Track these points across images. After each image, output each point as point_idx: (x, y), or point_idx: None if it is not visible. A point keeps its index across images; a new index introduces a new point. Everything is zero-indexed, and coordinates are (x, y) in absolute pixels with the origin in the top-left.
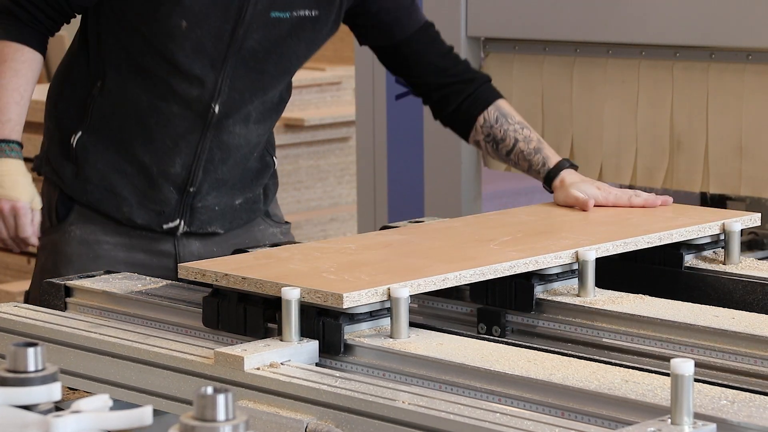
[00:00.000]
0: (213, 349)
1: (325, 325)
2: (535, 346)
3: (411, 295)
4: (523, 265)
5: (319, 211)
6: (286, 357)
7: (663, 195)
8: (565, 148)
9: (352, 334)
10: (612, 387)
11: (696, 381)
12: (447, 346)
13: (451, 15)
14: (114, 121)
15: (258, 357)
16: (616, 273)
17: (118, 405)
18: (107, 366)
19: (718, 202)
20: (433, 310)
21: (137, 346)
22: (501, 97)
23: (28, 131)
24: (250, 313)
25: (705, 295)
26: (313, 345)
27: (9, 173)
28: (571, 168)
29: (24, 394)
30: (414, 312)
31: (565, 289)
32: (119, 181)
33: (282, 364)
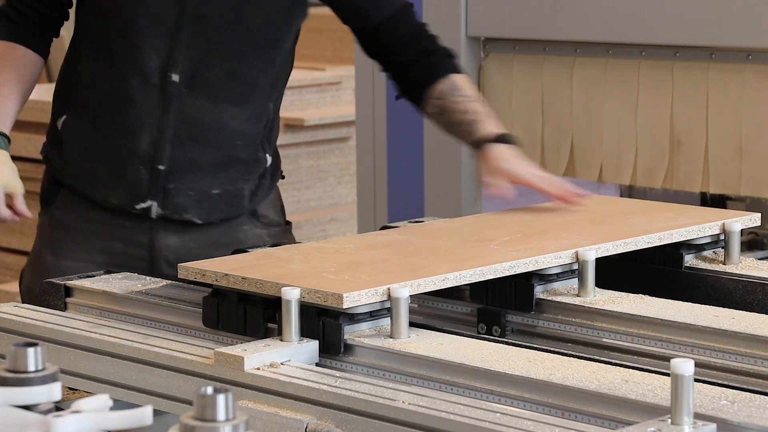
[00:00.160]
0: (213, 349)
1: (325, 325)
2: (535, 346)
3: (411, 295)
4: (523, 265)
5: (319, 211)
6: (286, 357)
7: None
8: (565, 148)
9: (352, 334)
10: (612, 387)
11: (696, 381)
12: (447, 346)
13: (451, 15)
14: (90, 104)
15: (258, 357)
16: (616, 273)
17: (118, 405)
18: (107, 366)
19: (718, 202)
20: (433, 310)
21: (137, 346)
22: (459, 72)
23: (29, 131)
24: (250, 313)
25: (705, 295)
26: (313, 345)
27: None
28: (512, 144)
29: (24, 394)
30: (414, 312)
31: (565, 289)
32: (96, 163)
33: (282, 364)
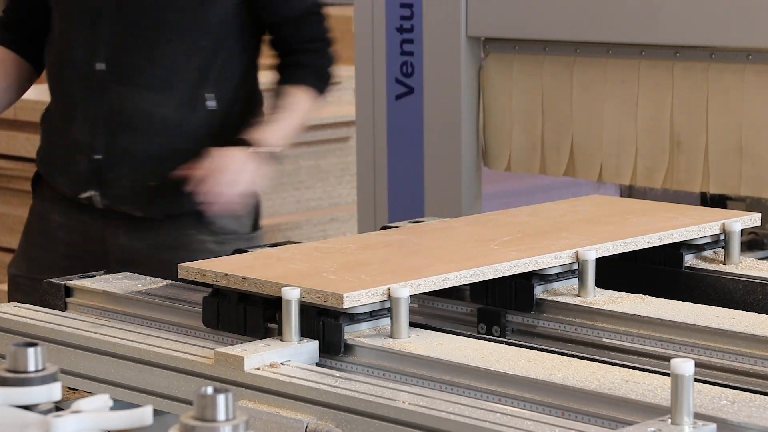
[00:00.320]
0: (213, 349)
1: (325, 325)
2: (535, 346)
3: (411, 295)
4: (523, 265)
5: (319, 211)
6: (286, 357)
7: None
8: (564, 148)
9: (352, 334)
10: (612, 387)
11: (696, 381)
12: (447, 346)
13: (451, 15)
14: (52, 95)
15: (258, 357)
16: (616, 273)
17: (118, 405)
18: (107, 366)
19: (718, 202)
20: (433, 310)
21: (137, 346)
22: (309, 85)
23: (29, 131)
24: (250, 313)
25: (705, 295)
26: (313, 345)
27: None
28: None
29: (24, 394)
30: (414, 312)
31: (565, 289)
32: (53, 153)
33: (282, 364)
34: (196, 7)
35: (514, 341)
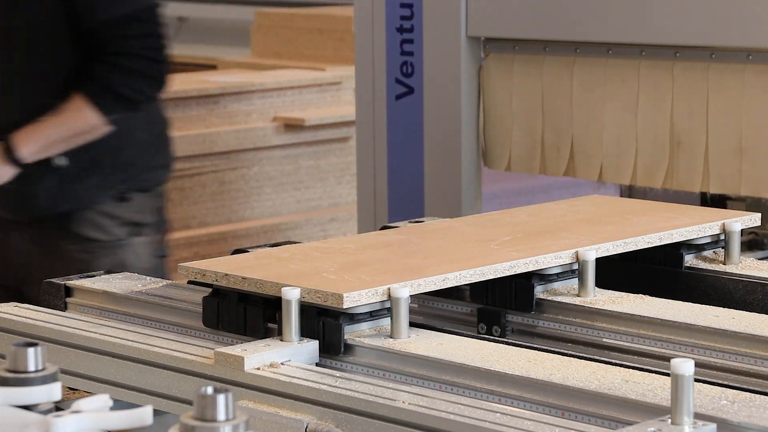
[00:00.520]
0: (213, 349)
1: (325, 325)
2: (535, 346)
3: (411, 295)
4: (523, 265)
5: (319, 211)
6: (286, 357)
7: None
8: (564, 148)
9: (352, 334)
10: (612, 387)
11: (696, 381)
12: (447, 346)
13: (451, 15)
14: None
15: (258, 357)
16: (616, 273)
17: (119, 405)
18: (107, 366)
19: (718, 202)
20: (433, 310)
21: (137, 346)
22: (87, 95)
23: None
24: (250, 313)
25: (705, 295)
26: (313, 345)
27: None
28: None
29: (24, 394)
30: (414, 312)
31: (565, 289)
32: None
33: (282, 364)
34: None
35: (514, 341)
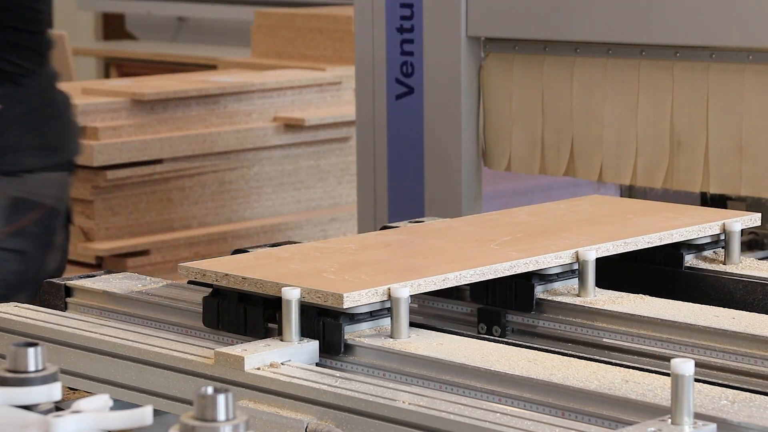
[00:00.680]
0: (213, 349)
1: (325, 325)
2: (535, 346)
3: (411, 295)
4: (523, 265)
5: (319, 211)
6: (286, 357)
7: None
8: (565, 148)
9: (352, 334)
10: (612, 387)
11: (696, 381)
12: (447, 346)
13: (451, 15)
14: None
15: (258, 357)
16: (616, 273)
17: (119, 405)
18: (107, 366)
19: (719, 202)
20: (433, 310)
21: (137, 346)
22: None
23: None
24: (250, 313)
25: (705, 295)
26: (313, 345)
27: None
28: None
29: (24, 394)
30: (414, 312)
31: (565, 289)
32: None
33: (282, 364)
34: None
35: (514, 341)
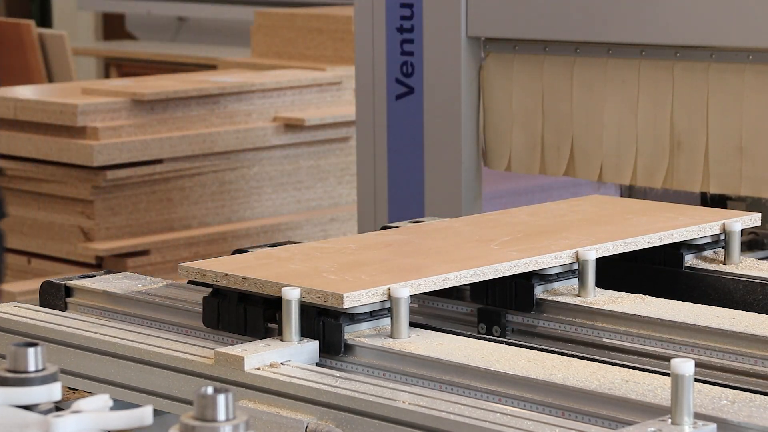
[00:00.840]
0: (213, 349)
1: (325, 325)
2: (535, 346)
3: (411, 295)
4: (523, 265)
5: (320, 211)
6: (286, 357)
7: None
8: (565, 148)
9: (352, 334)
10: (612, 387)
11: (696, 381)
12: (447, 346)
13: (451, 15)
14: None
15: (258, 357)
16: (617, 273)
17: (119, 405)
18: (107, 366)
19: (719, 202)
20: (433, 310)
21: (137, 346)
22: None
23: (29, 131)
24: (250, 313)
25: (705, 295)
26: (313, 345)
27: None
28: None
29: (24, 394)
30: (414, 312)
31: (565, 289)
32: None
33: (282, 364)
34: None
35: (514, 341)
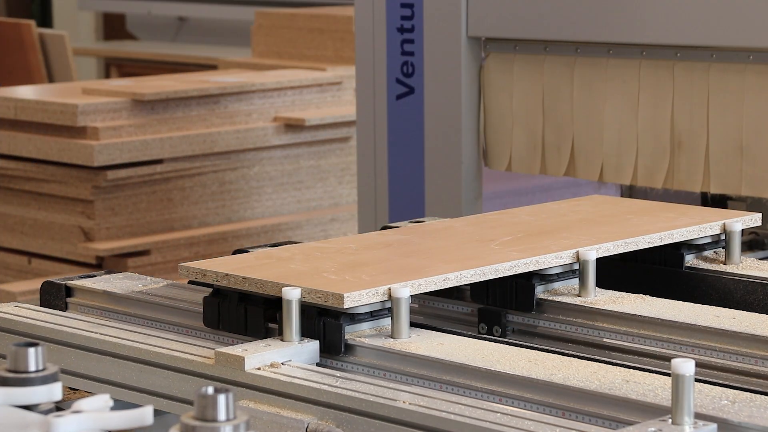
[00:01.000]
0: (214, 349)
1: (325, 325)
2: (535, 346)
3: (412, 295)
4: (523, 265)
5: (320, 211)
6: (286, 357)
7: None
8: (565, 148)
9: (352, 334)
10: (613, 387)
11: (697, 381)
12: (448, 346)
13: (451, 15)
14: None
15: (259, 357)
16: (617, 273)
17: (119, 405)
18: (108, 366)
19: (719, 202)
20: (433, 310)
21: (138, 346)
22: None
23: (29, 131)
24: (250, 313)
25: (706, 295)
26: (313, 345)
27: None
28: None
29: (25, 394)
30: (415, 312)
31: (565, 289)
32: None
33: (283, 364)
34: None
35: (514, 341)
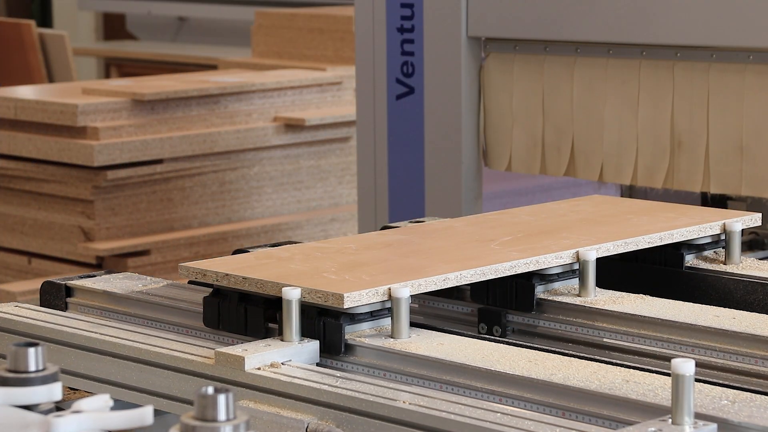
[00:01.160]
0: (214, 349)
1: (325, 325)
2: (535, 346)
3: (412, 295)
4: (523, 265)
5: (320, 211)
6: (286, 357)
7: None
8: (565, 148)
9: (352, 334)
10: (613, 387)
11: (697, 381)
12: (448, 346)
13: (451, 15)
14: None
15: (259, 357)
16: (617, 273)
17: (119, 405)
18: (108, 366)
19: (719, 202)
20: (433, 310)
21: (138, 346)
22: None
23: (29, 131)
24: (250, 313)
25: (706, 295)
26: (313, 345)
27: None
28: None
29: (25, 394)
30: (415, 312)
31: (565, 289)
32: None
33: (283, 364)
34: None
35: (514, 341)
